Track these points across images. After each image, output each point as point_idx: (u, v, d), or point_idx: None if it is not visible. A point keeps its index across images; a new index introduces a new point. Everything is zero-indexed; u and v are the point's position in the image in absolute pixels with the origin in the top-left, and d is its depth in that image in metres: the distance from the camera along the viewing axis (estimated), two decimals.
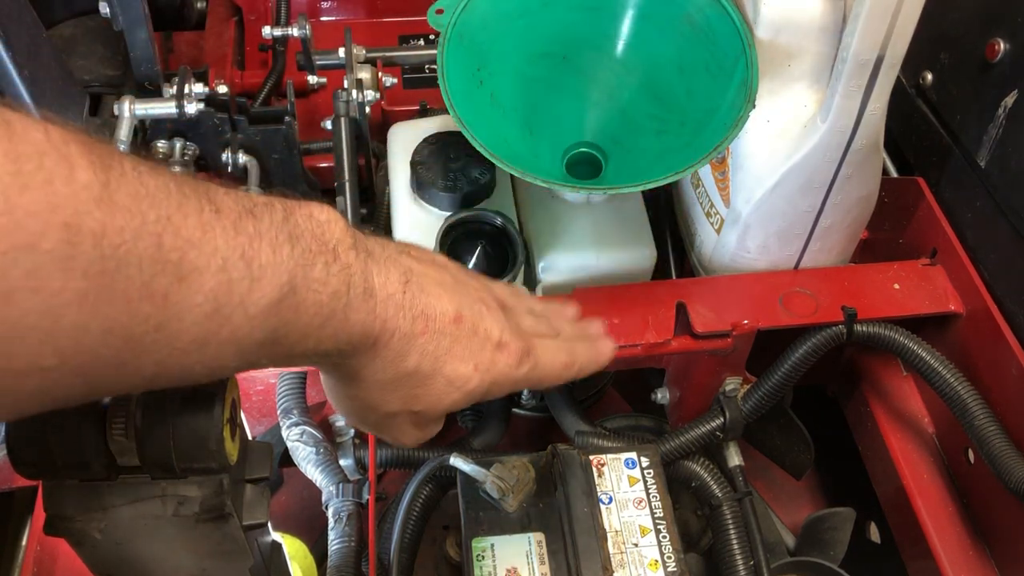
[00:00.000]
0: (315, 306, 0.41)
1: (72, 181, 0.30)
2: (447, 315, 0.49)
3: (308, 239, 0.41)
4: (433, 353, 0.49)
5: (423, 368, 0.49)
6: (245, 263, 0.37)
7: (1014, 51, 0.81)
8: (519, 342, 0.53)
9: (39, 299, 0.29)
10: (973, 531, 0.84)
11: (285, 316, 0.39)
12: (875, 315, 0.83)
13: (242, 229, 0.37)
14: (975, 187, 0.87)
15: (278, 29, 1.12)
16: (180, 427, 0.43)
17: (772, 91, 0.78)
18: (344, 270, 0.42)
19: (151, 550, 0.48)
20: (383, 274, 0.46)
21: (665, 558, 0.73)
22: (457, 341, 0.50)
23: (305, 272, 0.40)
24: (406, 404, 0.50)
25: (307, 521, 0.96)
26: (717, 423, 0.86)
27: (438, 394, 0.51)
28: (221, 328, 0.36)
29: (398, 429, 0.54)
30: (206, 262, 0.35)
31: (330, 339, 0.43)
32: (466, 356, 0.50)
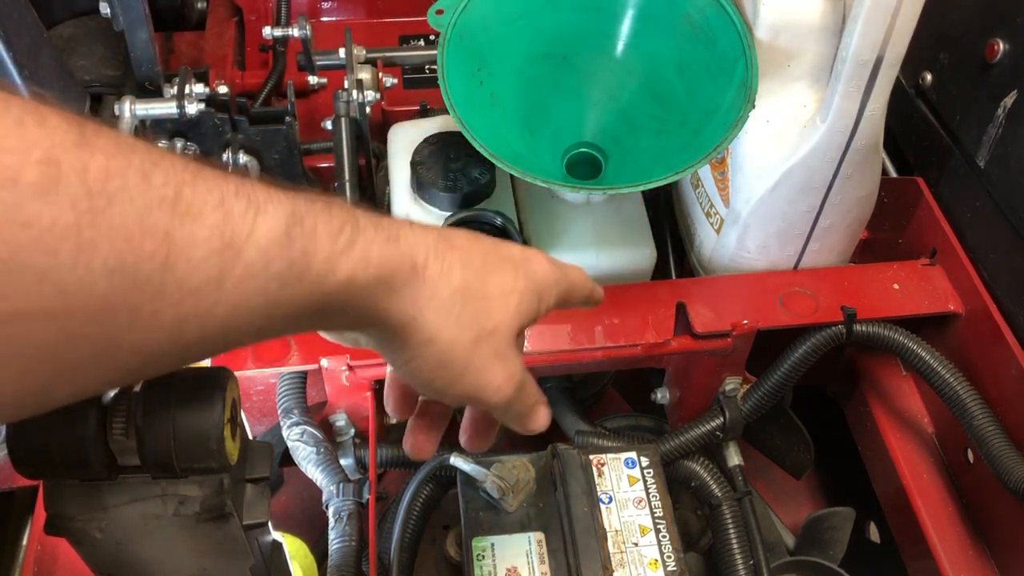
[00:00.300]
0: (329, 234, 0.40)
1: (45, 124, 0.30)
2: (463, 235, 0.49)
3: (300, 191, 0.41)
4: (472, 264, 0.48)
5: (471, 281, 0.48)
6: (243, 199, 0.37)
7: (1014, 51, 0.81)
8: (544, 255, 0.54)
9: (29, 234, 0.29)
10: (973, 531, 0.84)
11: (300, 244, 0.39)
12: (875, 315, 0.83)
13: (230, 177, 0.37)
14: (975, 187, 0.87)
15: (278, 29, 1.12)
16: (181, 426, 0.43)
17: (772, 91, 0.78)
18: (346, 210, 0.43)
19: (151, 550, 0.48)
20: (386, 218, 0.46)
21: (665, 558, 0.73)
22: (486, 255, 0.50)
23: (308, 206, 0.40)
24: (478, 323, 0.48)
25: (307, 521, 0.96)
26: (717, 423, 0.86)
27: (502, 303, 0.49)
28: (235, 263, 0.36)
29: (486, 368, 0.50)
30: (203, 198, 0.35)
31: (362, 267, 0.42)
32: (501, 264, 0.50)
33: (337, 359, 0.77)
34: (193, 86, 0.94)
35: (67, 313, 0.31)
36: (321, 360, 0.77)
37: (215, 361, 0.78)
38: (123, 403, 0.43)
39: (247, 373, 0.77)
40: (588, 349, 0.80)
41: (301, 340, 0.78)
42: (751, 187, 0.82)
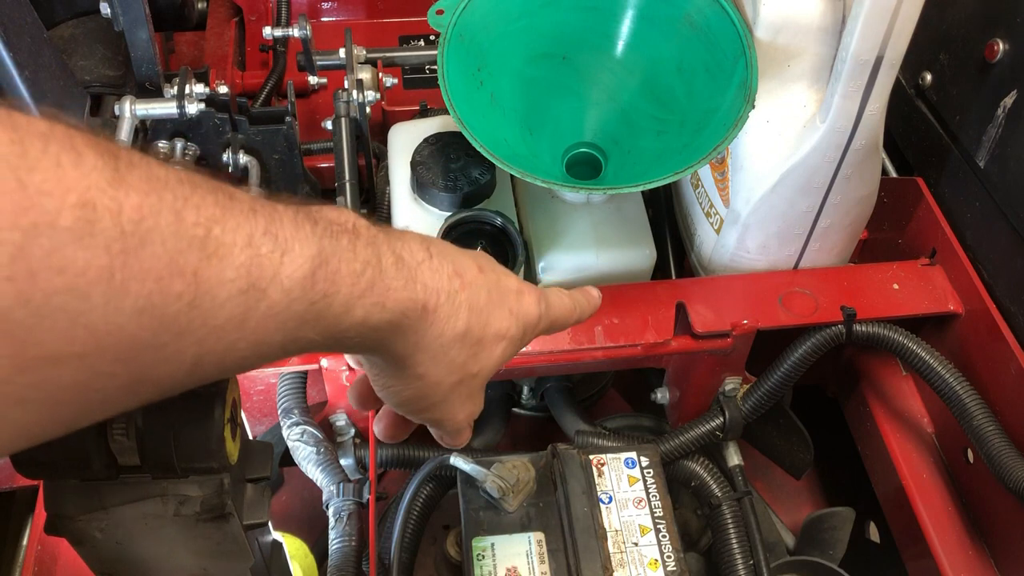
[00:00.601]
0: (351, 276, 0.41)
1: (81, 164, 0.30)
2: (472, 268, 0.50)
3: (326, 221, 0.41)
4: (477, 307, 0.49)
5: (474, 326, 0.49)
6: (271, 237, 0.37)
7: (1013, 51, 0.81)
8: (529, 285, 0.55)
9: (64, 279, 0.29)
10: (972, 530, 0.85)
11: (322, 287, 0.39)
12: (874, 315, 0.83)
13: (259, 210, 0.37)
14: (974, 187, 0.87)
15: (279, 30, 1.12)
16: (181, 427, 0.43)
17: (771, 91, 0.78)
18: (370, 243, 0.43)
19: (152, 549, 0.48)
20: (407, 245, 0.46)
21: (665, 557, 0.73)
22: (490, 292, 0.51)
23: (333, 244, 0.40)
24: (465, 369, 0.51)
25: (308, 520, 0.96)
26: (717, 423, 0.86)
27: (490, 349, 0.51)
28: (259, 303, 0.36)
29: (456, 405, 0.54)
30: (232, 238, 0.35)
31: (376, 310, 0.43)
32: (501, 304, 0.52)
33: (337, 359, 0.77)
34: (193, 86, 0.94)
35: (97, 354, 0.31)
36: (321, 360, 0.77)
37: None
38: None
39: (247, 373, 0.77)
40: (588, 349, 0.80)
41: None
42: (751, 187, 0.82)
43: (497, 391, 0.99)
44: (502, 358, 0.53)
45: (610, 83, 0.87)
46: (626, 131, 0.86)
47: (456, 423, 0.56)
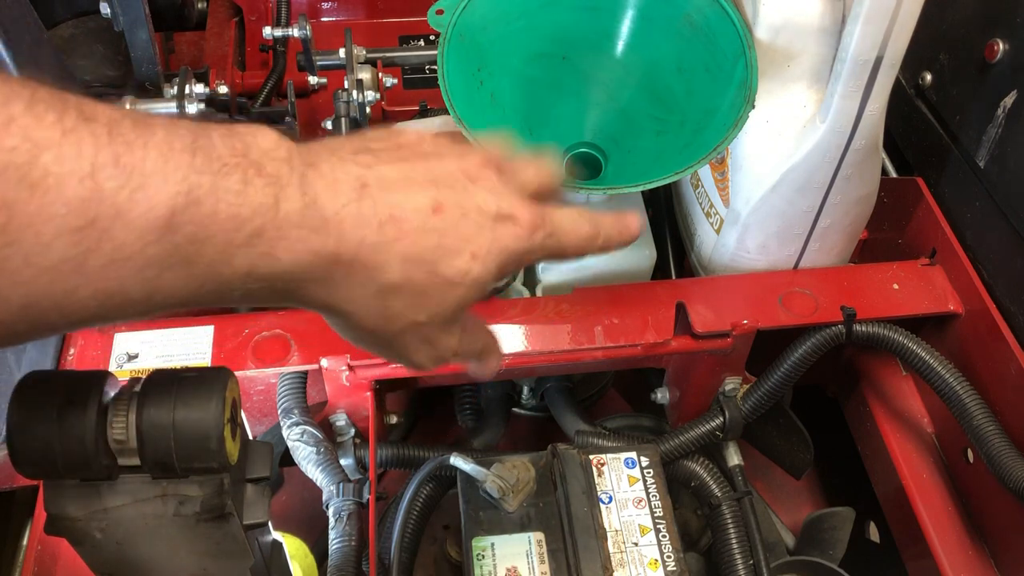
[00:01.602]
0: (232, 220, 0.35)
1: None
2: (423, 209, 0.43)
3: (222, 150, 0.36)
4: (419, 256, 0.43)
5: (414, 276, 0.43)
6: (121, 170, 0.32)
7: (1013, 51, 0.81)
8: (527, 209, 0.47)
9: None
10: (972, 531, 0.85)
11: (189, 230, 0.34)
12: (874, 315, 0.83)
13: (119, 135, 0.33)
14: (974, 187, 0.87)
15: (279, 29, 1.12)
16: (181, 427, 0.43)
17: (771, 92, 0.78)
18: (271, 183, 0.37)
19: (152, 550, 0.48)
20: (331, 186, 0.40)
21: (665, 557, 0.73)
22: (444, 234, 0.43)
23: (214, 183, 0.35)
24: (407, 317, 0.45)
25: (308, 520, 0.96)
26: (717, 423, 0.86)
27: (440, 297, 0.45)
28: (100, 244, 0.32)
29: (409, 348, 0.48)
30: (67, 167, 0.30)
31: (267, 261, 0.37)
32: (459, 247, 0.44)
33: (337, 359, 0.77)
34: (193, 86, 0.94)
35: None
36: (321, 360, 0.77)
37: (215, 361, 0.78)
38: (123, 403, 0.43)
39: (247, 373, 0.77)
40: (588, 349, 0.80)
41: (301, 340, 0.78)
42: (751, 187, 0.82)
43: (497, 391, 0.99)
44: (461, 303, 0.46)
45: (610, 83, 0.87)
46: (626, 131, 0.86)
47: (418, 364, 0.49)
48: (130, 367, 0.77)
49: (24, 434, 0.42)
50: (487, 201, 0.45)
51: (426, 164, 0.45)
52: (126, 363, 0.77)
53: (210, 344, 0.78)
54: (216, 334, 0.79)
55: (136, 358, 0.77)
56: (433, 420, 1.08)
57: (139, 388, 0.44)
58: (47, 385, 0.42)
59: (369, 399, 0.81)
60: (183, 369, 0.45)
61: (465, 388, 1.02)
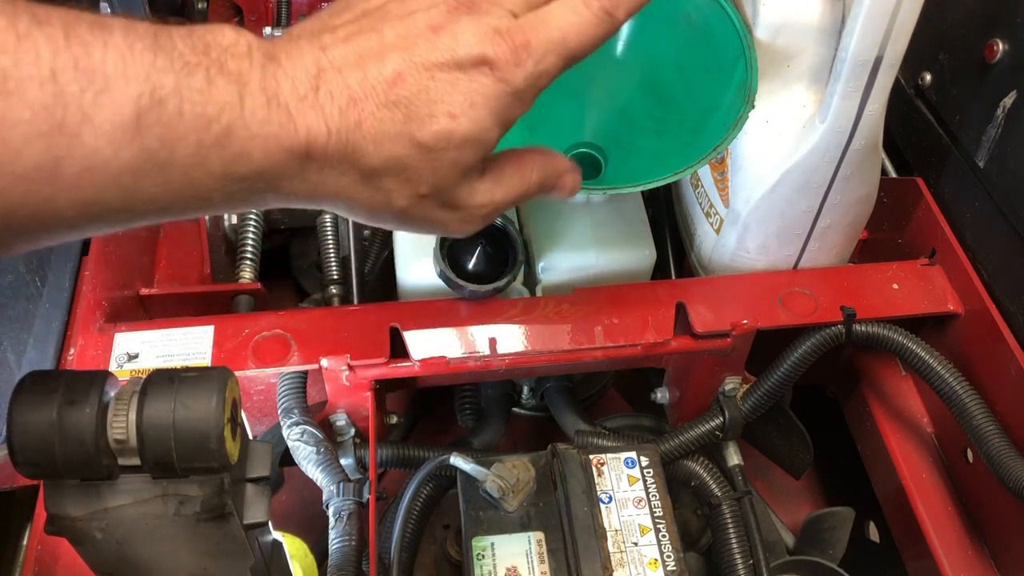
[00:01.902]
0: (199, 120, 0.34)
1: None
2: (383, 82, 0.40)
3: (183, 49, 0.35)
4: (390, 133, 0.40)
5: (392, 154, 0.40)
6: (82, 72, 0.31)
7: (1013, 52, 0.81)
8: (502, 42, 0.42)
9: None
10: (972, 531, 0.85)
11: (158, 132, 0.33)
12: (874, 315, 0.83)
13: (76, 38, 0.32)
14: (974, 187, 0.87)
15: (278, 29, 1.12)
16: (181, 427, 0.43)
17: (771, 92, 0.79)
18: (233, 80, 0.36)
19: (152, 549, 0.48)
20: (289, 77, 0.39)
21: (665, 557, 0.74)
22: (411, 103, 0.40)
23: (177, 82, 0.34)
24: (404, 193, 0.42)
25: (308, 520, 0.96)
26: (717, 423, 0.86)
27: (431, 166, 0.42)
28: (71, 150, 0.31)
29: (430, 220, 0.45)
30: (25, 71, 0.30)
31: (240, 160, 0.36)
32: (432, 111, 0.41)
33: (337, 359, 0.77)
34: None
35: None
36: (321, 360, 0.77)
37: (215, 361, 0.78)
38: (123, 403, 0.43)
39: (247, 373, 0.77)
40: (588, 349, 0.80)
41: (301, 340, 0.78)
42: (751, 187, 0.82)
43: (497, 391, 0.99)
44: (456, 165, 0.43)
45: (610, 82, 0.87)
46: (626, 131, 0.86)
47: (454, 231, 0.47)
48: (130, 367, 0.77)
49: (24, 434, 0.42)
50: (453, 51, 0.41)
51: (387, 30, 0.42)
52: (126, 363, 0.77)
53: (210, 344, 0.78)
54: (216, 334, 0.79)
55: (136, 358, 0.77)
56: (433, 420, 1.08)
57: (139, 388, 0.44)
58: (47, 385, 0.42)
59: (369, 399, 0.81)
60: (183, 369, 0.45)
61: (465, 388, 1.02)
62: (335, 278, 1.02)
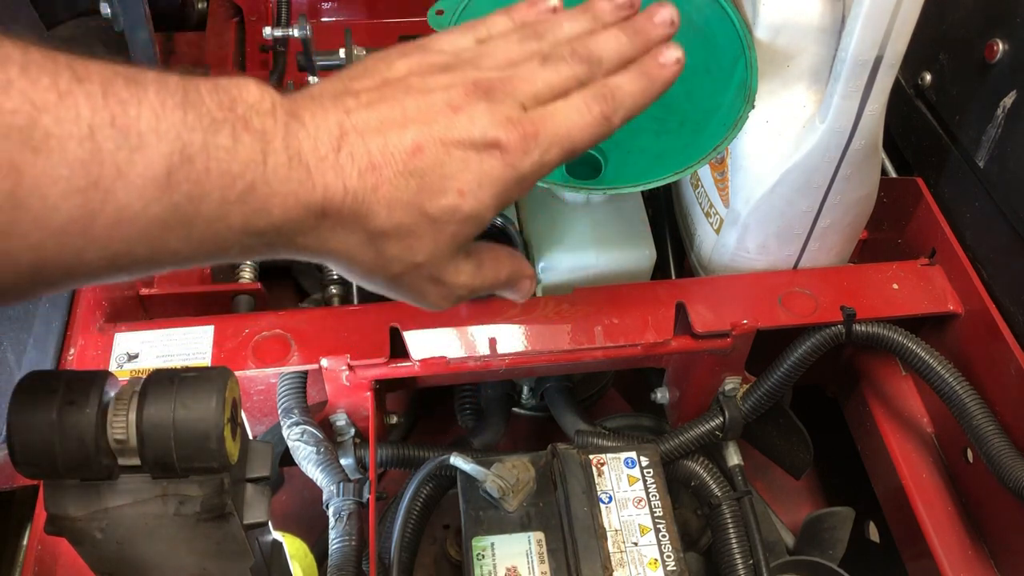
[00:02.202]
0: (224, 177, 0.36)
1: None
2: (402, 152, 0.42)
3: (211, 106, 0.36)
4: (403, 201, 0.42)
5: (400, 220, 0.42)
6: (118, 131, 0.32)
7: (1013, 52, 0.81)
8: (515, 129, 0.45)
9: None
10: (972, 531, 0.85)
11: (185, 189, 0.34)
12: (874, 315, 0.83)
13: (113, 95, 0.33)
14: (974, 187, 0.87)
15: (279, 30, 1.12)
16: (181, 426, 0.43)
17: (771, 92, 0.79)
18: (258, 138, 0.37)
19: (152, 549, 0.48)
20: (311, 137, 0.40)
21: (665, 557, 0.74)
22: (425, 175, 0.42)
23: (205, 140, 0.35)
24: (403, 261, 0.44)
25: (308, 520, 0.96)
26: (717, 423, 0.86)
27: (433, 237, 0.44)
28: (104, 205, 0.32)
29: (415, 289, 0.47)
30: (66, 129, 0.31)
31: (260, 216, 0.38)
32: (443, 185, 0.43)
33: (337, 359, 0.77)
34: None
35: None
36: (321, 360, 0.77)
37: (215, 361, 0.78)
38: (123, 403, 0.43)
39: (247, 373, 0.77)
40: (588, 349, 0.80)
41: (301, 340, 0.78)
42: (751, 187, 0.82)
43: (497, 391, 0.99)
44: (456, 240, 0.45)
45: None
46: (626, 131, 0.86)
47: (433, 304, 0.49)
48: (130, 367, 0.77)
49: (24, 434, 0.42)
50: (470, 132, 0.44)
51: (409, 101, 0.44)
52: (126, 363, 0.77)
53: (210, 344, 0.78)
54: (216, 334, 0.79)
55: (136, 358, 0.77)
56: (433, 420, 1.08)
57: (139, 388, 0.44)
58: (47, 385, 0.42)
59: (369, 399, 0.81)
60: (183, 369, 0.45)
61: (465, 388, 1.02)
62: (335, 278, 1.02)
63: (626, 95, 0.50)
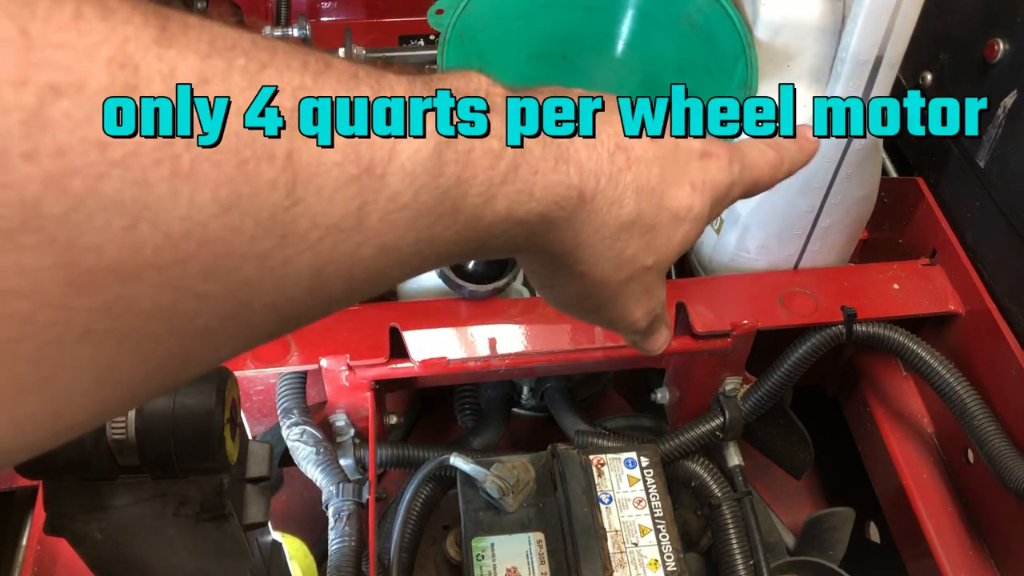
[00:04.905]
0: (487, 156, 0.33)
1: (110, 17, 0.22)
2: (642, 145, 0.40)
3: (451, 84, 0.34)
4: (648, 187, 0.40)
5: (645, 210, 0.40)
6: None
7: (1013, 51, 0.81)
8: (719, 144, 0.45)
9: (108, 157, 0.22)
10: (973, 531, 0.84)
11: (454, 170, 0.31)
12: (875, 315, 0.83)
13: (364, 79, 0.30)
14: (974, 187, 0.87)
15: (278, 29, 1.12)
16: (181, 426, 0.43)
17: (772, 91, 0.78)
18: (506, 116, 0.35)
19: (151, 550, 0.48)
20: None
21: (665, 558, 0.73)
22: (665, 164, 0.41)
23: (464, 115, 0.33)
24: (637, 261, 0.42)
25: (307, 521, 0.96)
26: (717, 423, 0.86)
27: (668, 235, 0.42)
28: (378, 194, 0.29)
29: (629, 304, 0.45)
30: None
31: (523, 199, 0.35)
32: (680, 177, 0.42)
33: (337, 359, 0.77)
34: None
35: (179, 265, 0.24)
36: (321, 360, 0.77)
37: None
38: None
39: (247, 373, 0.77)
40: (588, 349, 0.80)
41: (301, 340, 0.78)
42: None
43: (497, 391, 0.99)
44: (684, 243, 0.43)
45: (610, 83, 0.87)
46: None
47: (631, 323, 0.46)
48: None
49: None
50: (689, 138, 0.43)
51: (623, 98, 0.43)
52: None
53: None
54: None
55: None
56: (433, 420, 1.08)
57: None
58: None
59: (369, 399, 0.81)
60: None
61: (465, 388, 1.02)
62: None
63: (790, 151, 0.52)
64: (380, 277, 0.31)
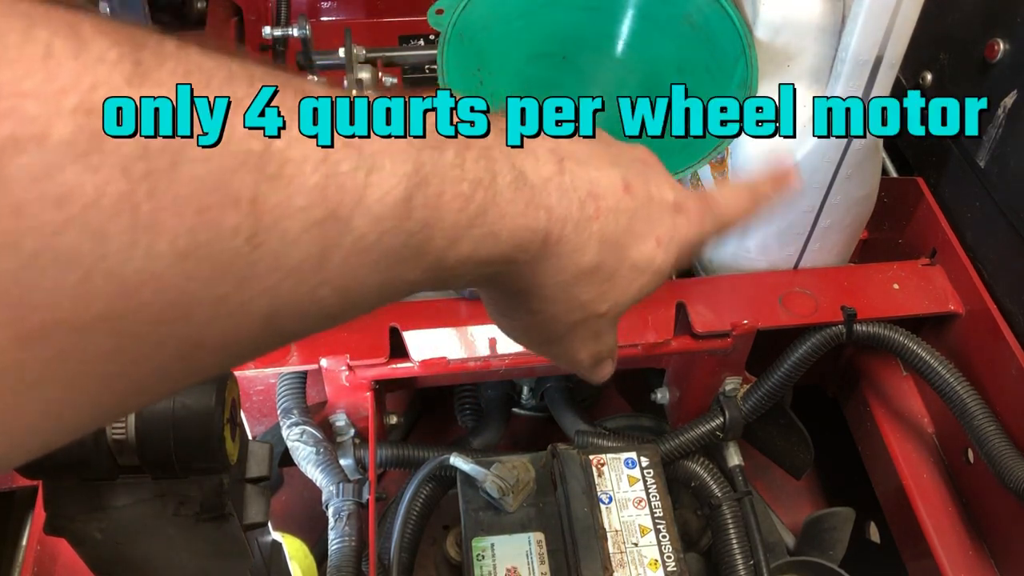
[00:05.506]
0: (457, 200, 0.32)
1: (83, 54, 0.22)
2: (616, 188, 0.40)
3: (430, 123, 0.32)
4: (612, 238, 0.40)
5: (606, 260, 0.40)
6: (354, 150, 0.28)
7: (1014, 51, 0.81)
8: (693, 198, 0.45)
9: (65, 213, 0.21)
10: (973, 531, 0.84)
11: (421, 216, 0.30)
12: (875, 315, 0.83)
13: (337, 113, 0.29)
14: (974, 187, 0.87)
15: (278, 29, 1.12)
16: (180, 427, 0.43)
17: (772, 91, 0.78)
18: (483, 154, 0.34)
19: (151, 550, 0.48)
20: (531, 155, 0.36)
21: (665, 558, 0.73)
22: (634, 216, 0.41)
23: (436, 158, 0.31)
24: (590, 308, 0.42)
25: (307, 521, 0.96)
26: (717, 423, 0.86)
27: (625, 285, 0.42)
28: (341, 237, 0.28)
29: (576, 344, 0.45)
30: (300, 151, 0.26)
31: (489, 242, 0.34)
32: (646, 232, 0.41)
33: (337, 359, 0.77)
34: None
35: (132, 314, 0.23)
36: (321, 360, 0.77)
37: None
38: None
39: (247, 373, 0.77)
40: None
41: (301, 340, 0.78)
42: None
43: (497, 391, 0.99)
44: (641, 293, 0.43)
45: (610, 83, 0.87)
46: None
47: (576, 361, 0.47)
48: None
49: None
50: (664, 190, 0.43)
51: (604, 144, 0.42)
52: None
53: None
54: None
55: None
56: (433, 420, 1.08)
57: None
58: None
59: (369, 399, 0.81)
60: None
61: (465, 388, 1.02)
62: None
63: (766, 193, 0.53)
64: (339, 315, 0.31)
